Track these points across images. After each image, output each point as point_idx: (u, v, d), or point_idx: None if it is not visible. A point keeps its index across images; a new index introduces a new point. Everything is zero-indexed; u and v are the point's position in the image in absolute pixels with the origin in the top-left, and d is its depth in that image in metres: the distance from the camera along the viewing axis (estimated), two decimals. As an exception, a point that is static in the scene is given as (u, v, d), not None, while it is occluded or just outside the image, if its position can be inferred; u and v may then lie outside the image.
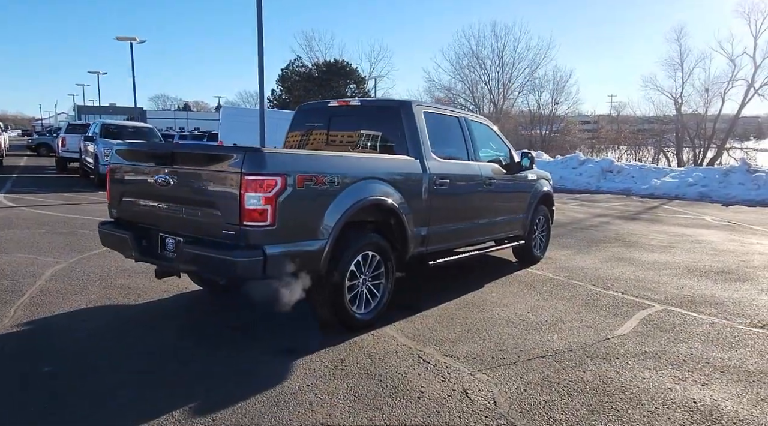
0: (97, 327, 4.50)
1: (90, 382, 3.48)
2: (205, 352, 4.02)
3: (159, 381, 3.55)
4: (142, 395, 3.34)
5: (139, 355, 3.94)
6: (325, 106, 5.80)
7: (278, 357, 3.96)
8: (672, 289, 6.24)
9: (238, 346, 4.16)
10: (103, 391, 3.37)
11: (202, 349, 4.09)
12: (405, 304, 5.30)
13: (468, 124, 6.08)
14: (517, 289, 6.11)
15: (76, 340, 4.21)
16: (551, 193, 7.78)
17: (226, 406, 3.19)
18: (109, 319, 4.71)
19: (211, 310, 5.12)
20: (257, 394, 3.37)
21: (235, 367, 3.78)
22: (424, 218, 5.10)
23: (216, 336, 4.40)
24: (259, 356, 3.98)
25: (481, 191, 5.98)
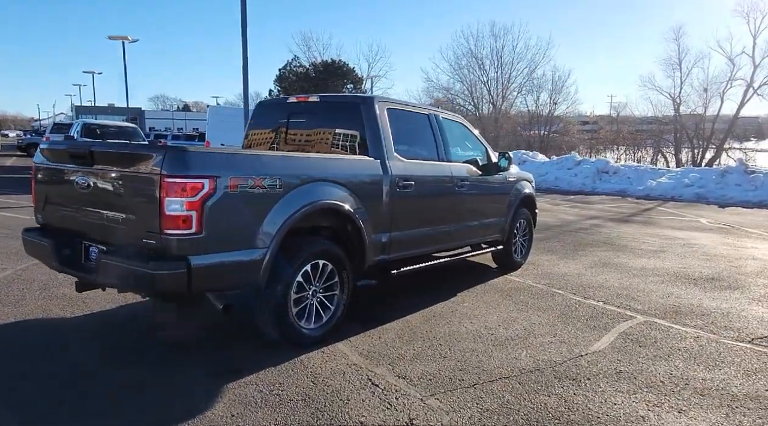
0: (11, 345, 4.10)
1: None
2: (127, 374, 3.63)
3: (52, 409, 3.15)
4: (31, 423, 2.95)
5: (39, 378, 3.53)
6: (284, 102, 5.42)
7: (212, 379, 3.57)
8: (657, 298, 5.85)
9: (171, 366, 3.78)
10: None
11: (128, 369, 3.71)
12: (366, 316, 4.92)
13: (439, 122, 5.69)
14: (492, 298, 5.72)
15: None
16: (533, 195, 7.39)
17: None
18: (33, 335, 4.31)
19: (156, 324, 4.73)
20: (173, 425, 2.97)
21: (160, 391, 3.39)
22: (385, 223, 4.72)
23: (150, 354, 4.02)
24: (191, 378, 3.59)
25: (452, 194, 5.59)
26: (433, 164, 5.42)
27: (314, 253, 4.04)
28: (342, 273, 4.30)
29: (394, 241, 4.85)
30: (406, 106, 5.39)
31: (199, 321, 4.62)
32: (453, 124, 6.17)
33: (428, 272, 6.20)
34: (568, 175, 22.25)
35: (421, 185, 5.10)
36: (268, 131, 5.45)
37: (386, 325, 4.76)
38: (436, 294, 5.75)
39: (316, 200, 3.98)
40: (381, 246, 4.72)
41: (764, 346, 4.47)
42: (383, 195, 4.68)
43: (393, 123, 5.00)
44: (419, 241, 5.21)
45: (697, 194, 17.22)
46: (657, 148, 38.37)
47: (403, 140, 5.14)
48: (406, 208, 4.96)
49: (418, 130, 5.50)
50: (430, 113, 5.66)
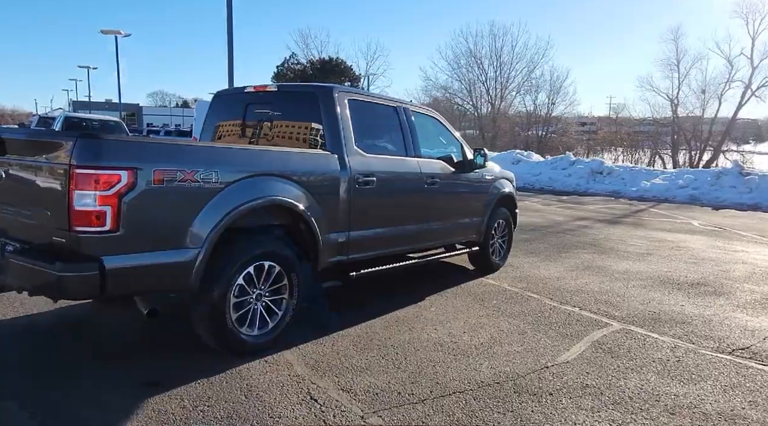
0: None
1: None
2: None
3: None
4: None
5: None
6: (241, 93, 5.09)
7: (137, 391, 3.26)
8: (637, 303, 5.55)
9: (97, 377, 3.46)
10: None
11: (51, 381, 3.39)
12: (324, 321, 4.60)
13: (408, 116, 5.37)
14: (463, 302, 5.41)
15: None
16: (513, 194, 7.08)
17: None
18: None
19: (93, 329, 4.42)
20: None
21: (77, 406, 3.07)
22: (342, 222, 4.41)
23: (79, 361, 3.70)
24: (115, 391, 3.28)
25: (421, 191, 5.28)
26: (400, 160, 5.11)
27: (258, 254, 3.73)
28: (291, 275, 3.99)
29: (353, 242, 4.54)
30: (371, 98, 5.08)
31: (135, 324, 4.30)
32: (425, 118, 5.86)
33: (399, 274, 5.91)
34: (562, 175, 21.95)
35: (384, 182, 4.79)
36: (224, 124, 5.13)
37: (343, 331, 4.45)
38: (404, 297, 5.45)
39: (260, 197, 3.67)
40: (338, 246, 4.41)
41: (745, 358, 4.17)
42: (341, 192, 4.37)
43: (355, 115, 4.69)
44: (382, 241, 4.89)
45: (691, 196, 16.92)
46: (654, 150, 38.11)
47: (367, 134, 4.84)
48: (367, 206, 4.65)
49: (384, 123, 5.19)
50: (398, 106, 5.34)
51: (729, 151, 36.27)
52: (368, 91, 52.25)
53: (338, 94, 4.57)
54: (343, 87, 4.69)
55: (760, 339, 4.60)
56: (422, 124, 5.75)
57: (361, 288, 5.55)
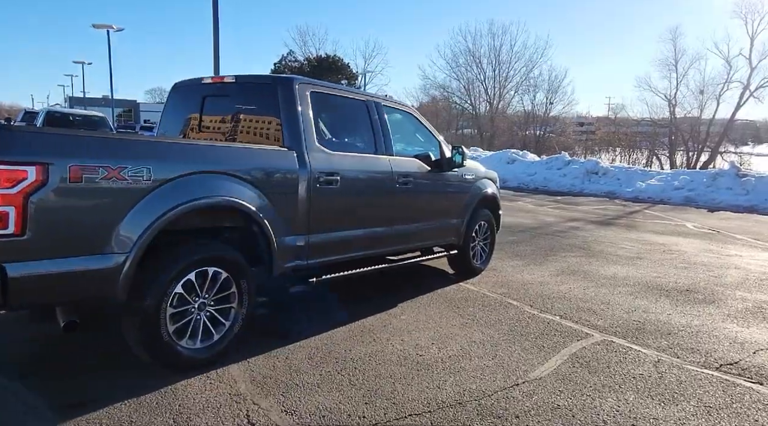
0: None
1: None
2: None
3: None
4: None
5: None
6: (198, 84, 4.76)
7: (51, 413, 2.92)
8: (621, 312, 5.22)
9: (18, 396, 3.12)
10: None
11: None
12: (282, 330, 4.28)
13: (380, 112, 5.04)
14: (437, 310, 5.08)
15: None
16: (496, 195, 6.75)
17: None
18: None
19: (8, 343, 4.06)
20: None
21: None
22: (301, 224, 4.08)
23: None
24: (33, 412, 2.93)
25: (393, 192, 4.95)
26: (368, 158, 4.78)
27: (200, 260, 3.40)
28: (241, 282, 3.66)
29: (313, 245, 4.21)
30: (338, 91, 4.74)
31: (63, 337, 3.96)
32: (400, 114, 5.53)
33: (374, 278, 5.60)
34: (557, 175, 21.63)
35: (350, 181, 4.47)
36: (181, 118, 4.80)
37: (302, 341, 4.12)
38: (376, 303, 5.12)
39: (203, 197, 3.34)
40: (296, 250, 4.08)
41: (732, 375, 3.84)
42: (299, 191, 4.04)
43: (318, 109, 4.37)
44: (348, 244, 4.57)
45: (687, 197, 16.60)
46: (652, 151, 37.79)
47: (331, 129, 4.52)
48: (330, 206, 4.32)
49: (351, 118, 4.87)
50: (368, 100, 5.01)
51: (727, 152, 35.95)
52: (364, 88, 51.89)
53: (299, 85, 4.24)
54: (306, 78, 4.35)
55: (749, 353, 4.28)
56: (396, 120, 5.43)
57: (332, 293, 5.23)
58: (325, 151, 4.29)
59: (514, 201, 15.58)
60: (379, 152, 4.91)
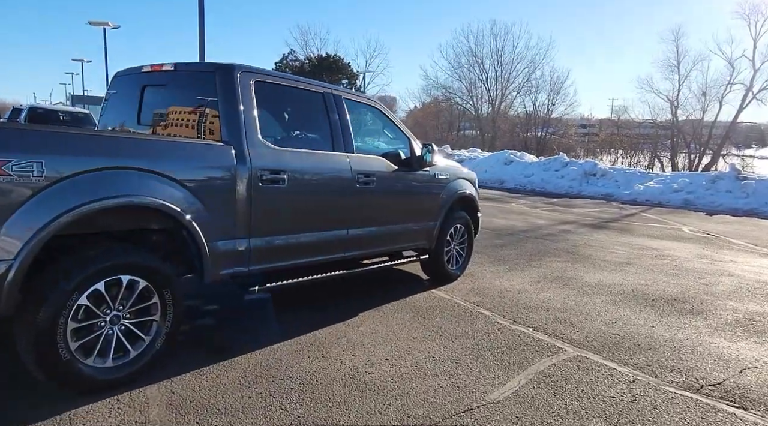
0: None
1: None
2: None
3: None
4: None
5: None
6: (137, 73, 4.38)
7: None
8: (600, 323, 4.82)
9: None
10: None
11: None
12: (223, 344, 3.90)
13: (340, 105, 4.65)
14: (400, 320, 4.69)
15: None
16: (474, 196, 6.35)
17: None
18: None
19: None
20: None
21: None
22: (241, 227, 3.70)
23: None
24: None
25: (351, 192, 4.57)
26: (323, 155, 4.40)
27: (111, 267, 3.01)
28: (164, 292, 3.27)
29: (256, 250, 3.83)
30: (289, 82, 4.34)
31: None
32: (364, 109, 5.15)
33: (338, 284, 5.22)
34: (555, 177, 21.23)
35: (299, 180, 4.08)
36: (121, 109, 4.42)
37: (241, 357, 3.73)
38: (335, 312, 4.74)
39: (111, 196, 2.96)
40: (234, 255, 3.70)
41: (714, 398, 3.45)
42: (237, 190, 3.66)
43: (264, 101, 3.99)
44: (297, 249, 4.18)
45: (685, 200, 16.18)
46: (654, 153, 37.33)
47: (279, 123, 4.16)
48: (275, 207, 3.94)
49: (305, 112, 4.49)
50: (326, 92, 4.61)
51: (729, 154, 35.45)
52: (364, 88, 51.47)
53: (241, 74, 3.86)
54: (250, 66, 3.97)
55: (735, 372, 3.88)
56: (360, 115, 5.06)
57: (290, 301, 4.86)
58: (270, 146, 3.91)
59: (507, 203, 15.19)
60: (337, 149, 4.52)
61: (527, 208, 14.22)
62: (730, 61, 34.45)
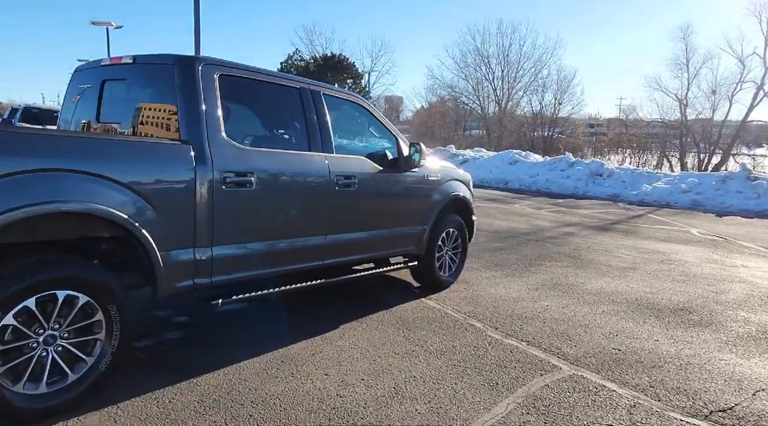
0: None
1: None
2: None
3: None
4: None
5: None
6: (97, 67, 4.05)
7: None
8: (600, 337, 4.46)
9: None
10: None
11: None
12: (183, 362, 3.56)
13: (318, 102, 4.31)
14: (383, 333, 4.35)
15: None
16: (468, 198, 6.00)
17: None
18: None
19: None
20: None
21: None
22: (202, 233, 3.37)
23: None
24: None
25: (330, 195, 4.23)
26: (297, 155, 4.07)
27: (43, 281, 2.69)
28: (109, 308, 2.94)
29: (219, 259, 3.50)
30: (261, 76, 3.99)
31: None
32: (346, 105, 4.82)
33: (321, 292, 4.90)
34: (560, 177, 20.82)
35: (268, 182, 3.75)
36: (85, 105, 4.10)
37: (202, 377, 3.40)
38: (313, 324, 4.41)
39: (40, 202, 2.62)
40: (194, 266, 3.37)
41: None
42: (197, 194, 3.33)
43: (230, 96, 3.66)
44: (267, 257, 3.84)
45: (694, 201, 15.74)
46: (662, 152, 36.80)
47: (247, 121, 3.82)
48: (243, 213, 3.61)
49: (278, 109, 4.16)
50: (303, 88, 4.27)
51: (740, 154, 34.85)
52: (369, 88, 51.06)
53: (203, 66, 3.53)
54: (214, 58, 3.63)
55: (748, 394, 3.51)
56: (343, 113, 4.73)
57: (265, 311, 4.53)
58: (236, 146, 3.57)
59: (511, 204, 14.83)
60: (314, 149, 4.18)
61: (530, 209, 13.84)
62: (741, 59, 33.85)
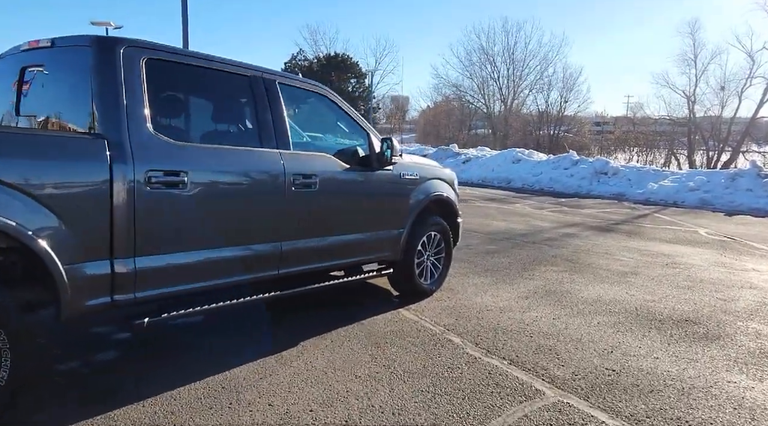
0: None
1: None
2: None
3: None
4: None
5: None
6: (17, 53, 3.58)
7: None
8: (592, 354, 3.95)
9: None
10: None
11: None
12: (106, 391, 3.09)
13: (271, 91, 3.83)
14: (349, 351, 3.86)
15: None
16: (452, 198, 5.51)
17: None
18: None
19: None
20: None
21: None
22: (121, 243, 2.89)
23: None
24: None
25: (284, 196, 3.74)
26: (242, 152, 3.58)
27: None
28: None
29: (145, 272, 3.01)
30: (199, 61, 3.50)
31: None
32: (308, 96, 4.33)
33: (287, 301, 4.42)
34: (564, 175, 20.28)
35: (206, 183, 3.27)
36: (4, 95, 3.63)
37: (121, 409, 2.94)
38: (267, 341, 3.93)
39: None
40: (111, 280, 2.88)
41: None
42: (115, 197, 2.84)
43: (160, 84, 3.19)
44: (208, 267, 3.36)
45: (702, 200, 15.15)
46: (670, 150, 36.10)
47: (183, 113, 3.34)
48: (174, 218, 3.13)
49: (221, 99, 3.68)
50: (254, 76, 3.79)
51: (750, 151, 34.09)
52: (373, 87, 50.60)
53: (125, 49, 3.05)
54: (140, 40, 3.16)
55: None
56: (305, 105, 4.24)
57: (221, 326, 4.05)
58: (165, 141, 3.10)
59: (511, 204, 14.31)
60: (267, 145, 3.70)
61: (532, 209, 13.33)
62: (750, 54, 33.16)
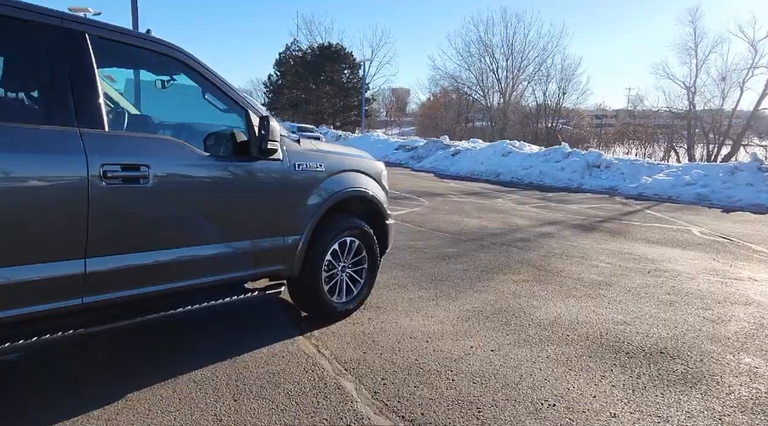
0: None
1: None
2: None
3: None
4: None
5: None
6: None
7: None
8: (526, 411, 2.87)
9: None
10: None
11: None
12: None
13: (76, 47, 2.74)
14: (189, 409, 2.81)
15: None
16: (376, 196, 4.42)
17: None
18: None
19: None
20: None
21: None
22: None
23: None
24: None
25: (88, 194, 2.64)
26: (23, 131, 2.46)
27: None
28: None
29: None
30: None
31: None
32: (152, 58, 3.20)
33: (155, 330, 3.35)
34: (555, 169, 19.23)
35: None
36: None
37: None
38: (85, 391, 2.84)
39: None
40: None
41: None
42: None
43: None
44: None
45: (699, 194, 14.06)
46: (670, 143, 35.00)
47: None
48: None
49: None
50: (47, 24, 2.68)
51: (751, 144, 32.94)
52: (369, 78, 49.61)
53: None
54: None
55: None
56: (145, 69, 3.10)
57: (35, 373, 2.97)
58: None
59: (493, 198, 13.25)
60: (59, 121, 2.59)
61: (513, 204, 12.26)
62: (753, 43, 32.05)
